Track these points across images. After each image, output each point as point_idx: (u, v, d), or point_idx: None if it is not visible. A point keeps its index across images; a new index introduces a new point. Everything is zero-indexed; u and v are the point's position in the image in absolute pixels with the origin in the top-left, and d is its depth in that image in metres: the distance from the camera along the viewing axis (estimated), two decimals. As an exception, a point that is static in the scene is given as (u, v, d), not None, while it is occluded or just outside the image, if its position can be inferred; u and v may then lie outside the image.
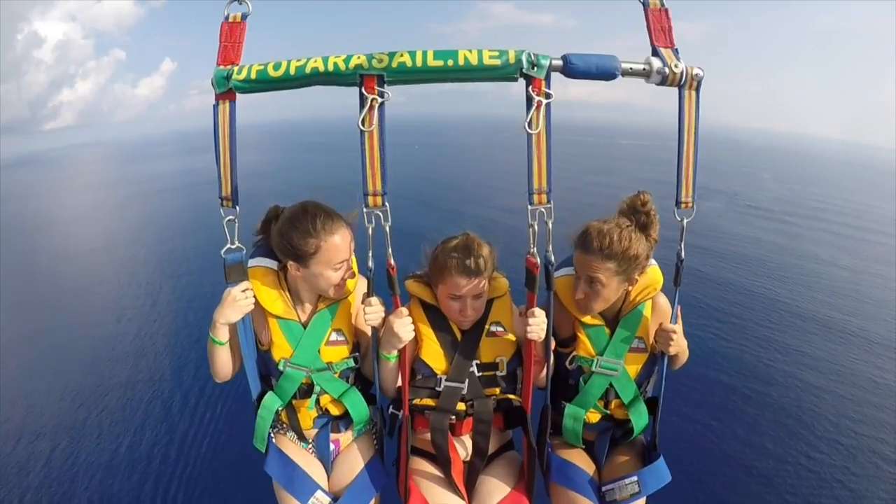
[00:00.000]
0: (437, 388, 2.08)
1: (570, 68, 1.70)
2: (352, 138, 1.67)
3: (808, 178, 41.37)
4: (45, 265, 16.20)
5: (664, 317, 2.13)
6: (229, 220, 1.85)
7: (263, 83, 1.71)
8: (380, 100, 1.67)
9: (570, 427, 2.18)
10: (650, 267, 2.12)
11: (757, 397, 7.60)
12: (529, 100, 1.69)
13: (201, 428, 7.02)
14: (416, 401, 2.10)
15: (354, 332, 2.17)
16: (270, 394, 2.10)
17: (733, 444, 6.59)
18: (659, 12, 1.79)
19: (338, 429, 2.24)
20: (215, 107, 1.77)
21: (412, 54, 1.65)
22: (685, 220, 1.87)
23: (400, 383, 2.08)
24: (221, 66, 1.74)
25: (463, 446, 2.18)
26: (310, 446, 2.22)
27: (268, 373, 2.11)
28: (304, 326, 2.08)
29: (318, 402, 2.14)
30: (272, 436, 2.20)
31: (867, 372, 8.40)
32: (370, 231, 1.76)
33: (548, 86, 1.70)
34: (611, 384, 2.13)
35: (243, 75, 1.70)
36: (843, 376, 8.25)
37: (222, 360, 2.03)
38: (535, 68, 1.68)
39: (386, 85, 1.67)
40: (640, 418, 2.15)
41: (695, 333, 9.14)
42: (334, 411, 2.19)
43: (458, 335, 2.13)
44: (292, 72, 1.68)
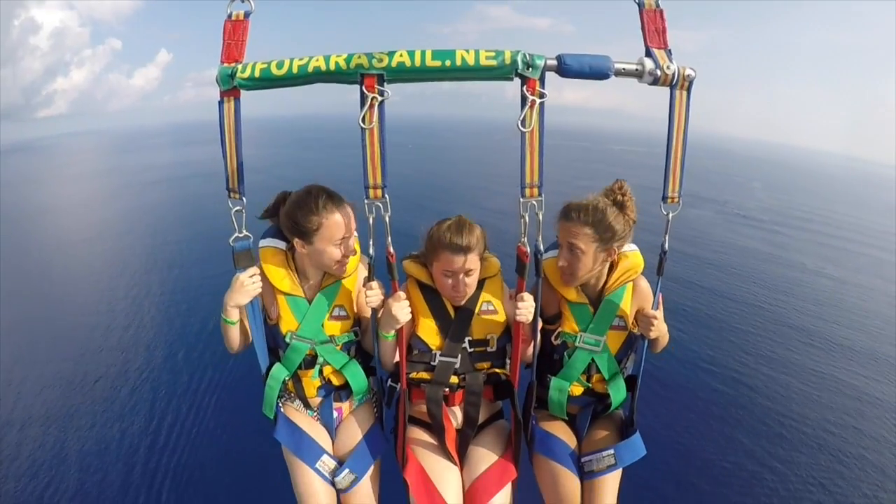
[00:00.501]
0: (431, 363, 2.27)
1: (565, 68, 1.76)
2: (345, 135, 1.73)
3: (798, 188, 41.75)
4: (37, 254, 16.04)
5: (645, 299, 2.32)
6: (237, 211, 1.98)
7: (267, 81, 1.77)
8: (380, 98, 1.73)
9: (555, 399, 2.37)
10: (631, 252, 2.33)
11: (740, 400, 7.73)
12: (524, 99, 1.76)
13: (189, 417, 7.02)
14: (413, 374, 2.28)
15: (355, 308, 2.36)
16: (278, 365, 2.28)
17: (713, 443, 6.73)
18: (654, 13, 1.84)
19: (340, 398, 2.43)
20: (220, 104, 1.82)
21: (411, 54, 1.70)
22: (671, 214, 1.98)
23: (397, 359, 2.24)
24: (225, 64, 1.79)
25: (454, 416, 2.38)
26: (315, 414, 2.42)
27: (276, 345, 2.29)
28: (310, 302, 2.26)
29: (321, 372, 2.33)
30: (280, 406, 2.37)
31: (850, 380, 8.55)
32: (371, 221, 1.87)
33: (542, 85, 1.76)
34: (593, 360, 2.32)
35: (247, 73, 1.76)
36: (826, 383, 8.40)
37: (234, 336, 2.23)
38: (529, 68, 1.73)
39: (385, 83, 1.72)
40: (618, 392, 2.33)
41: (679, 336, 9.31)
42: (336, 381, 2.37)
43: (451, 314, 2.29)
44: (295, 70, 1.74)
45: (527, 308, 2.08)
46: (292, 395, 2.41)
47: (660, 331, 2.23)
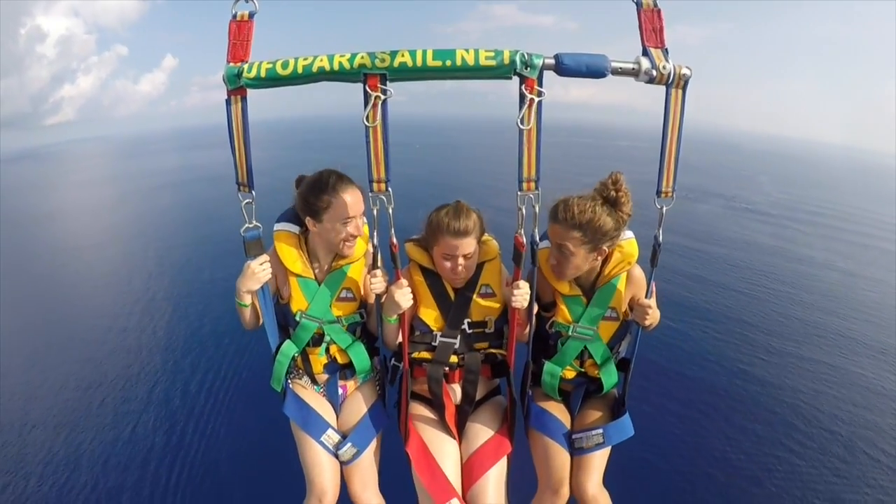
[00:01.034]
0: (432, 343, 2.39)
1: (562, 67, 1.80)
2: (349, 136, 1.78)
3: (806, 181, 41.29)
4: (47, 258, 16.26)
5: (639, 288, 2.36)
6: (247, 203, 2.06)
7: (272, 80, 1.83)
8: (382, 97, 1.78)
9: (547, 382, 2.47)
10: (626, 240, 2.35)
11: (743, 394, 7.71)
12: (522, 97, 1.80)
13: (203, 415, 7.11)
14: (415, 354, 2.40)
15: (361, 292, 2.46)
16: (288, 341, 2.41)
17: (720, 435, 6.72)
18: (651, 12, 1.87)
19: (345, 376, 2.55)
20: (228, 102, 1.88)
21: (412, 54, 1.75)
22: (664, 208, 2.03)
23: (400, 340, 2.36)
24: (232, 64, 1.85)
25: (454, 393, 2.49)
26: (321, 390, 2.55)
27: (286, 323, 2.43)
28: (319, 284, 2.39)
29: (327, 350, 2.46)
30: (289, 383, 2.49)
31: (862, 374, 8.51)
32: (375, 212, 1.95)
33: (540, 84, 1.80)
34: (585, 347, 2.40)
35: (253, 73, 1.82)
36: (837, 377, 8.34)
37: (248, 316, 2.36)
38: (528, 68, 1.77)
39: (388, 83, 1.78)
40: (609, 377, 2.43)
41: (684, 331, 9.26)
42: (341, 360, 2.49)
43: (451, 297, 2.39)
44: (300, 70, 1.79)
45: (522, 295, 2.16)
46: (300, 371, 2.54)
47: (653, 319, 2.30)
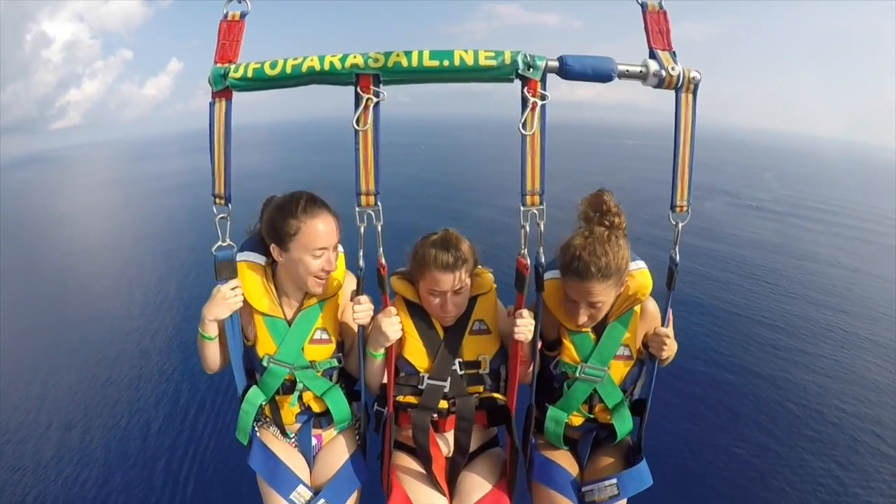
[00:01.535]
0: (419, 386, 2.09)
1: (566, 70, 1.69)
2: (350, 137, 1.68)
3: (811, 177, 40.97)
4: (55, 261, 16.40)
5: (653, 323, 2.10)
6: (221, 218, 1.87)
7: (260, 81, 1.72)
8: (375, 99, 1.67)
9: (551, 430, 2.18)
10: (637, 270, 2.09)
11: (748, 389, 7.70)
12: (525, 101, 1.69)
13: (212, 414, 7.13)
14: (400, 398, 2.11)
15: (339, 330, 2.19)
16: (254, 388, 2.11)
17: (723, 439, 6.65)
18: (657, 14, 1.77)
19: (320, 425, 2.25)
20: (211, 105, 1.78)
21: (408, 54, 1.65)
22: (680, 224, 1.83)
23: (385, 380, 2.10)
24: (219, 64, 1.76)
25: (446, 442, 2.20)
26: (292, 440, 2.24)
27: (252, 367, 2.13)
28: (290, 324, 2.09)
29: (300, 398, 2.15)
30: (256, 430, 2.22)
31: (865, 369, 8.46)
32: (362, 230, 1.77)
33: (543, 87, 1.69)
34: (595, 390, 2.12)
35: (240, 73, 1.72)
36: (841, 372, 8.31)
37: (211, 353, 2.06)
38: (530, 69, 1.67)
39: (382, 85, 1.67)
40: (623, 423, 2.14)
41: (689, 329, 9.29)
42: (316, 408, 2.19)
43: (440, 333, 2.13)
44: (288, 70, 1.69)
45: (526, 326, 1.91)
46: (269, 420, 2.24)
47: (671, 350, 2.04)
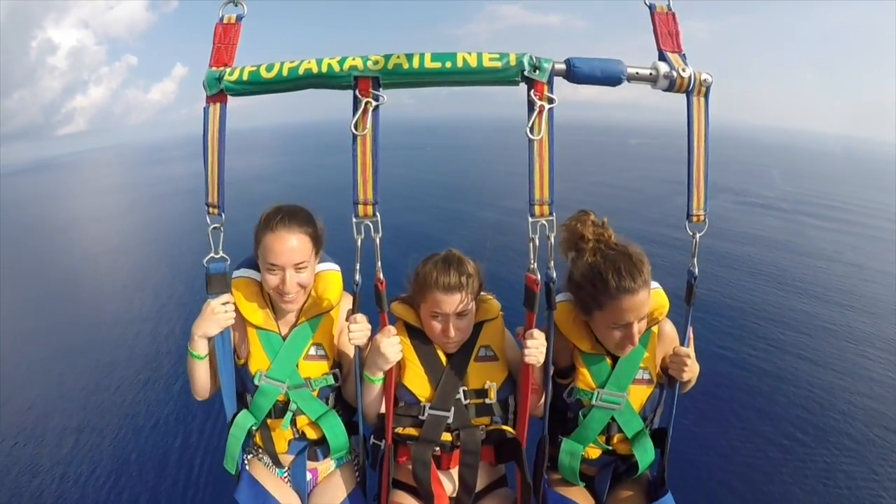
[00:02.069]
0: (420, 417, 1.92)
1: (574, 72, 1.62)
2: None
3: (815, 174, 40.70)
4: (64, 265, 16.50)
5: (672, 344, 1.97)
6: (214, 229, 1.78)
7: (255, 85, 1.66)
8: (374, 103, 1.59)
9: (566, 464, 2.01)
10: (654, 290, 1.93)
11: (753, 386, 7.63)
12: (531, 104, 1.61)
13: (222, 414, 7.08)
14: (399, 430, 1.94)
15: (336, 349, 2.07)
16: (244, 411, 2.00)
17: (725, 431, 6.59)
18: (666, 16, 1.71)
19: (316, 456, 2.09)
20: (206, 109, 1.71)
21: (409, 56, 1.59)
22: (697, 235, 1.72)
23: (384, 409, 1.95)
24: (214, 68, 1.70)
25: (450, 480, 2.01)
26: (285, 474, 2.09)
27: (244, 388, 2.01)
28: (284, 338, 1.99)
29: (293, 421, 2.01)
30: (246, 461, 2.09)
31: (871, 365, 8.37)
32: (359, 243, 1.66)
33: (550, 90, 1.62)
34: (613, 418, 1.96)
35: (235, 77, 1.66)
36: (846, 368, 8.22)
37: (201, 375, 1.95)
38: (537, 71, 1.60)
39: (381, 88, 1.60)
40: (645, 454, 1.96)
41: (701, 333, 9.06)
42: (311, 435, 2.05)
43: (443, 360, 1.97)
44: (285, 73, 1.63)
45: (537, 347, 1.75)
46: (260, 449, 2.08)
47: (693, 372, 1.88)
